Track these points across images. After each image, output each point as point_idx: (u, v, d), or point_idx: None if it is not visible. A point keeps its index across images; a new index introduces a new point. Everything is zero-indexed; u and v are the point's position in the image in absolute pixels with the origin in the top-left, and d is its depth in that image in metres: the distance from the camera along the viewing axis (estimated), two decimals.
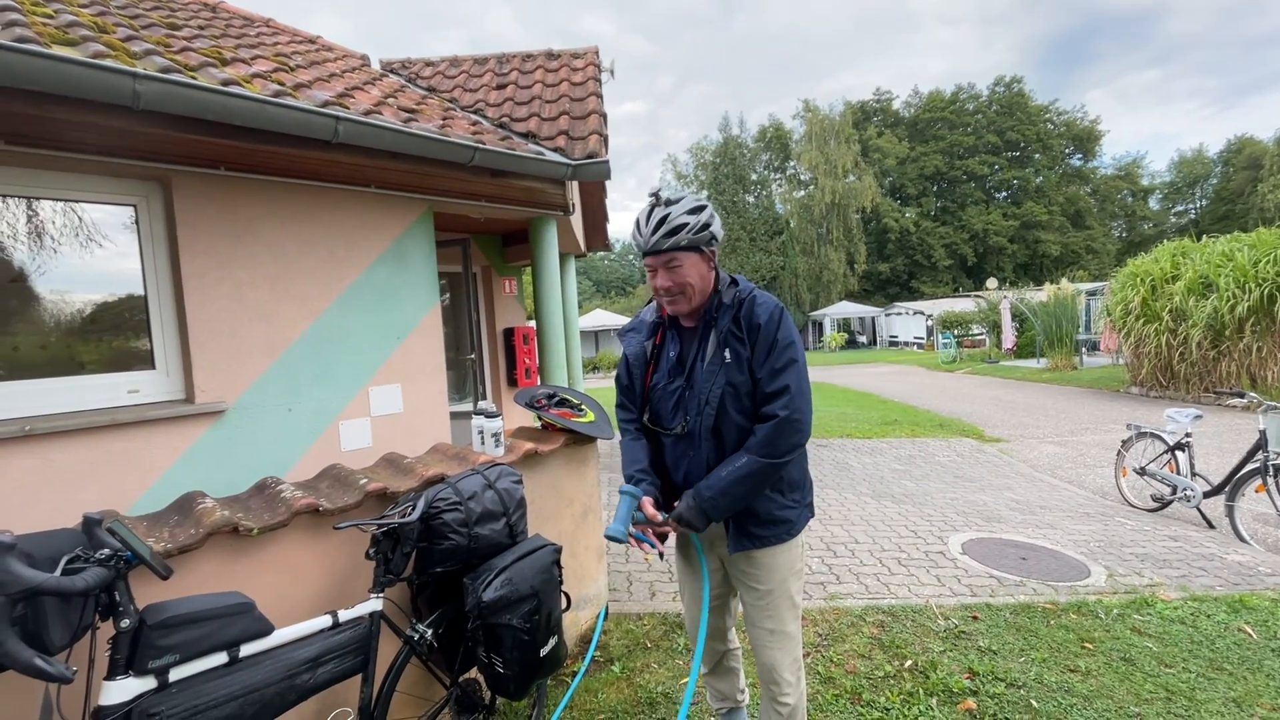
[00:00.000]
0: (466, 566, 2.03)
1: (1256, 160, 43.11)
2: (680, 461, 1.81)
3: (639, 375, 1.89)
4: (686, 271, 1.69)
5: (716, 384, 1.70)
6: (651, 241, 1.66)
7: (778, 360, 1.66)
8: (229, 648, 1.49)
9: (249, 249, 2.93)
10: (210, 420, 2.80)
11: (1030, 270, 43.08)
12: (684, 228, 1.65)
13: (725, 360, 1.69)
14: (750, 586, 1.83)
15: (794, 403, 1.64)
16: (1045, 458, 7.46)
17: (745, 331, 1.69)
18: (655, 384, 1.85)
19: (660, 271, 1.70)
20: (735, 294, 1.75)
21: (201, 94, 2.38)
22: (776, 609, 1.81)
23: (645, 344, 1.88)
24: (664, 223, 1.65)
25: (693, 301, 1.72)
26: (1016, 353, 20.31)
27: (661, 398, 1.83)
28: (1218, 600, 3.36)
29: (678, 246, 1.66)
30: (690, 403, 1.75)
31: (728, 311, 1.72)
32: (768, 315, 1.69)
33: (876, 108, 50.15)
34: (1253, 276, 9.52)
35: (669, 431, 1.80)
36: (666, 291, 1.71)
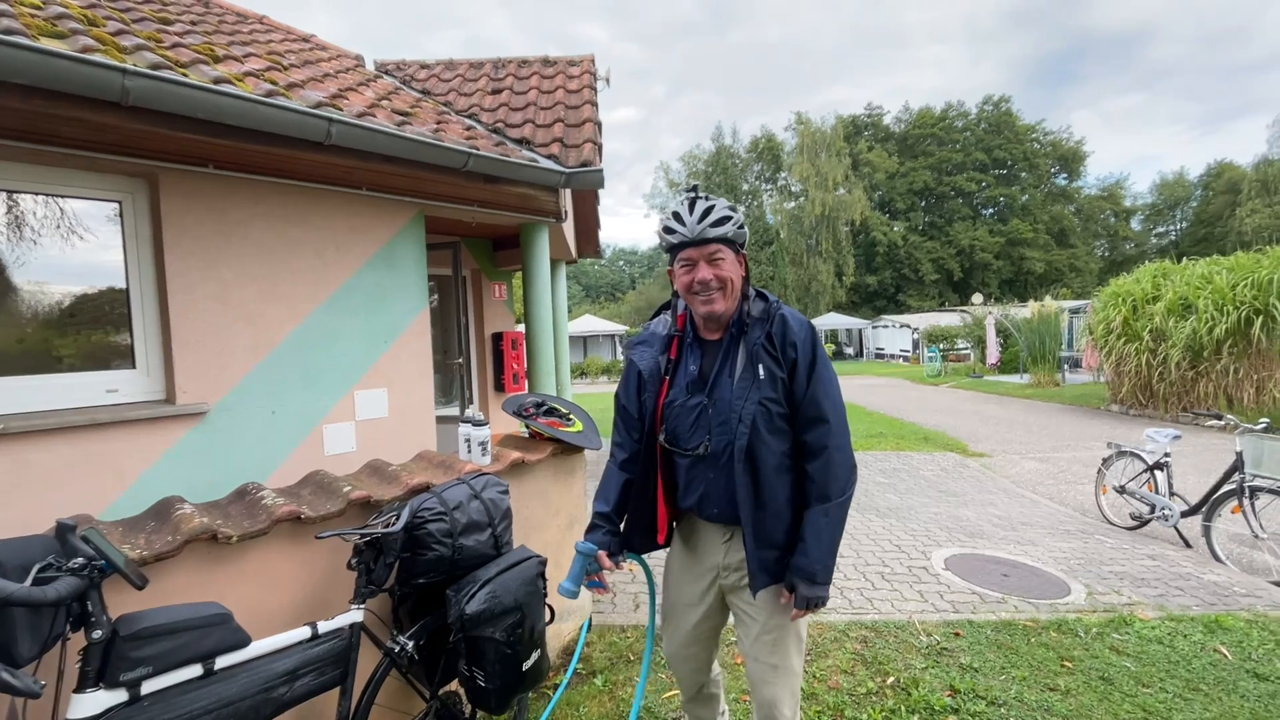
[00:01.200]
0: (450, 577, 2.01)
1: (1235, 185, 44.07)
2: (696, 484, 1.70)
3: (652, 391, 1.74)
4: (728, 266, 1.62)
5: (750, 401, 1.59)
6: (698, 230, 1.58)
7: (819, 385, 1.61)
8: (204, 660, 1.45)
9: (236, 249, 2.89)
10: (191, 422, 2.75)
11: (1015, 286, 43.67)
12: (729, 219, 1.60)
13: (759, 376, 1.60)
14: (758, 621, 1.72)
15: (839, 432, 1.61)
16: (1027, 473, 7.54)
17: (780, 349, 1.61)
18: (672, 400, 1.72)
19: (702, 264, 1.61)
20: (766, 308, 1.68)
21: (192, 92, 2.35)
22: (783, 645, 1.71)
23: (660, 358, 1.76)
24: (710, 212, 1.59)
25: (728, 302, 1.64)
26: (1000, 368, 20.55)
27: (679, 415, 1.70)
28: (1194, 620, 3.40)
29: (724, 238, 1.60)
30: (713, 421, 1.64)
31: (758, 325, 1.64)
32: (805, 334, 1.63)
33: (868, 122, 50.73)
34: (1231, 299, 9.71)
35: (688, 452, 1.68)
36: (705, 286, 1.62)
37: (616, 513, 1.80)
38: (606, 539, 1.76)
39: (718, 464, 1.64)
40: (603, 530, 1.77)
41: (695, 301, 1.66)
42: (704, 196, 1.62)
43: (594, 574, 1.72)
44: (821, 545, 1.58)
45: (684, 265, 1.64)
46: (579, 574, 1.66)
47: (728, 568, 1.75)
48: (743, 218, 1.64)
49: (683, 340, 1.76)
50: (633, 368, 1.80)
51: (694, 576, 1.82)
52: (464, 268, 5.85)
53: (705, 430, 1.65)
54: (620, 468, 1.83)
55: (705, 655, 1.90)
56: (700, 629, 1.84)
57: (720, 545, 1.75)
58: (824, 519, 1.59)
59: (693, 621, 1.84)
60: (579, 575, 1.67)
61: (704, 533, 1.79)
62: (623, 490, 1.80)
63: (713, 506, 1.69)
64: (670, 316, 1.80)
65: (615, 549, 1.77)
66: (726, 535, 1.74)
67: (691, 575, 1.83)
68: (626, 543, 1.82)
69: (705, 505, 1.70)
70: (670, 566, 1.91)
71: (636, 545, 1.83)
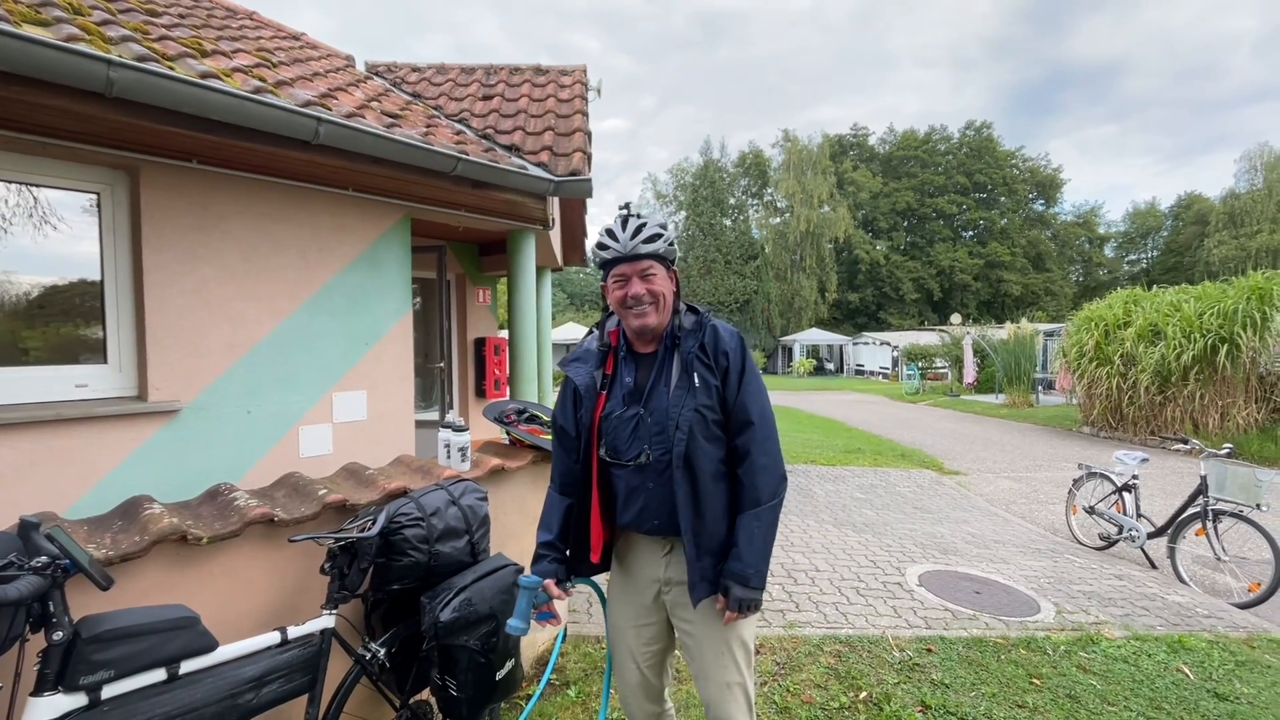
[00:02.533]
0: (425, 584, 1.99)
1: (1203, 216, 45.54)
2: (635, 496, 1.71)
3: (589, 407, 1.75)
4: (659, 281, 1.68)
5: (686, 408, 1.62)
6: (630, 246, 1.64)
7: (748, 392, 1.67)
8: (168, 664, 1.42)
9: (217, 245, 2.85)
10: (163, 419, 2.69)
11: (992, 308, 44.53)
12: (660, 236, 1.66)
13: (694, 384, 1.64)
14: (701, 639, 1.71)
15: (767, 436, 1.66)
16: (1001, 492, 7.66)
17: (713, 358, 1.67)
18: (609, 413, 1.73)
19: (634, 280, 1.66)
20: (697, 320, 1.74)
21: (179, 85, 2.32)
22: (730, 658, 1.70)
23: (595, 373, 1.78)
24: (642, 229, 1.65)
25: (661, 316, 1.70)
26: (977, 387, 20.90)
27: (616, 427, 1.71)
28: (1158, 640, 3.47)
29: (655, 254, 1.66)
30: (651, 430, 1.67)
31: (691, 336, 1.69)
32: (735, 344, 1.69)
33: (853, 142, 51.61)
34: (1198, 327, 10.00)
35: (627, 463, 1.70)
36: (638, 300, 1.66)
37: (561, 539, 1.79)
38: (553, 568, 1.74)
39: (657, 473, 1.66)
40: (548, 559, 1.75)
41: (628, 315, 1.70)
42: (636, 215, 1.69)
43: (543, 605, 1.69)
44: (754, 549, 1.61)
45: (617, 281, 1.69)
46: (526, 610, 1.64)
47: (669, 582, 1.75)
48: (674, 235, 1.70)
49: (617, 354, 1.79)
50: (569, 385, 1.80)
51: (635, 594, 1.81)
52: (449, 272, 5.81)
53: (644, 440, 1.67)
54: (561, 493, 1.83)
55: (656, 682, 1.85)
56: (648, 651, 1.81)
57: (660, 559, 1.76)
58: (755, 523, 1.62)
59: (640, 642, 1.81)
60: (526, 611, 1.64)
61: (642, 549, 1.79)
62: (565, 516, 1.79)
63: (653, 518, 1.69)
64: (600, 333, 1.84)
65: (563, 576, 1.76)
66: (666, 548, 1.75)
67: (632, 593, 1.82)
68: (570, 568, 1.80)
69: (645, 518, 1.70)
70: (611, 589, 1.89)
71: (574, 567, 1.81)
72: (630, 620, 1.81)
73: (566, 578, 1.77)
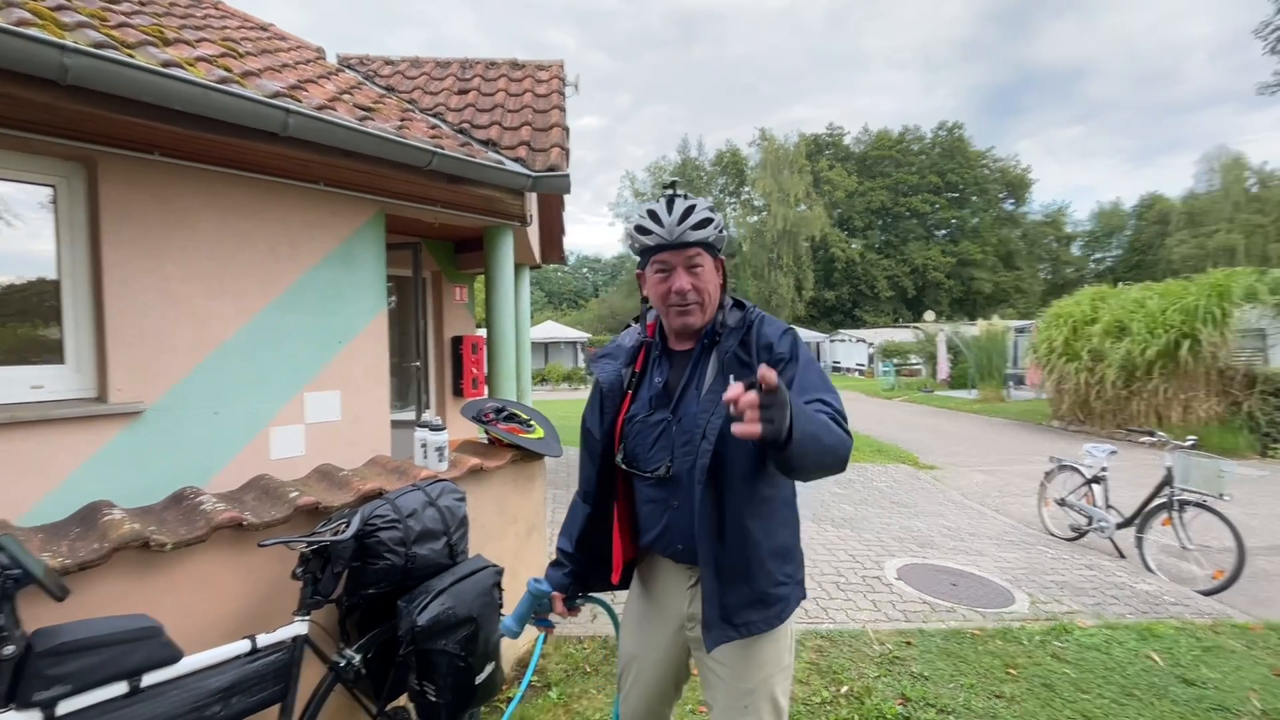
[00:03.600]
0: (401, 588, 1.94)
1: (1165, 216, 46.91)
2: (657, 514, 1.50)
3: (612, 407, 1.57)
4: (707, 274, 1.45)
5: (718, 415, 1.37)
6: (677, 232, 1.40)
7: (804, 377, 1.37)
8: (130, 677, 1.36)
9: (181, 241, 2.75)
10: (125, 422, 2.59)
11: (965, 305, 45.37)
12: (710, 222, 1.42)
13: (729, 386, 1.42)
14: (726, 684, 1.46)
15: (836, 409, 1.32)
16: (975, 486, 7.79)
17: (754, 354, 1.42)
18: (632, 416, 1.53)
19: (679, 271, 1.43)
20: (742, 316, 1.48)
21: (138, 74, 2.23)
22: (757, 714, 1.45)
23: (623, 371, 1.58)
24: (691, 212, 1.41)
25: (706, 314, 1.47)
26: (950, 383, 21.27)
27: (639, 433, 1.51)
28: (1129, 628, 3.56)
29: (704, 242, 1.43)
30: (677, 439, 1.45)
31: (733, 334, 1.45)
32: (780, 336, 1.43)
33: (829, 141, 52.14)
34: (1161, 323, 10.29)
35: (648, 475, 1.48)
36: (682, 296, 1.43)
37: (580, 551, 1.63)
38: (565, 581, 1.62)
39: (680, 489, 1.44)
40: (564, 570, 1.63)
41: (670, 313, 1.48)
42: (684, 195, 1.45)
43: (544, 613, 1.59)
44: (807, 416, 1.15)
45: (659, 271, 1.46)
46: (525, 614, 1.54)
47: (693, 619, 1.50)
48: (724, 221, 1.51)
49: (649, 350, 1.58)
50: (597, 385, 1.63)
51: (656, 627, 1.59)
52: (425, 269, 5.71)
53: (667, 450, 1.46)
54: (584, 501, 1.65)
55: (664, 711, 1.69)
56: (662, 686, 1.61)
57: (685, 591, 1.52)
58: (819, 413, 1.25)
59: (654, 678, 1.60)
60: (525, 615, 1.54)
61: (667, 576, 1.57)
62: (585, 525, 1.63)
63: (676, 541, 1.47)
64: (640, 326, 1.64)
65: (572, 592, 1.64)
66: (693, 579, 1.51)
67: (652, 625, 1.60)
68: (585, 581, 1.67)
69: (668, 540, 1.49)
70: (628, 613, 1.69)
71: (591, 582, 1.67)
72: (645, 650, 1.60)
73: (577, 594, 1.64)
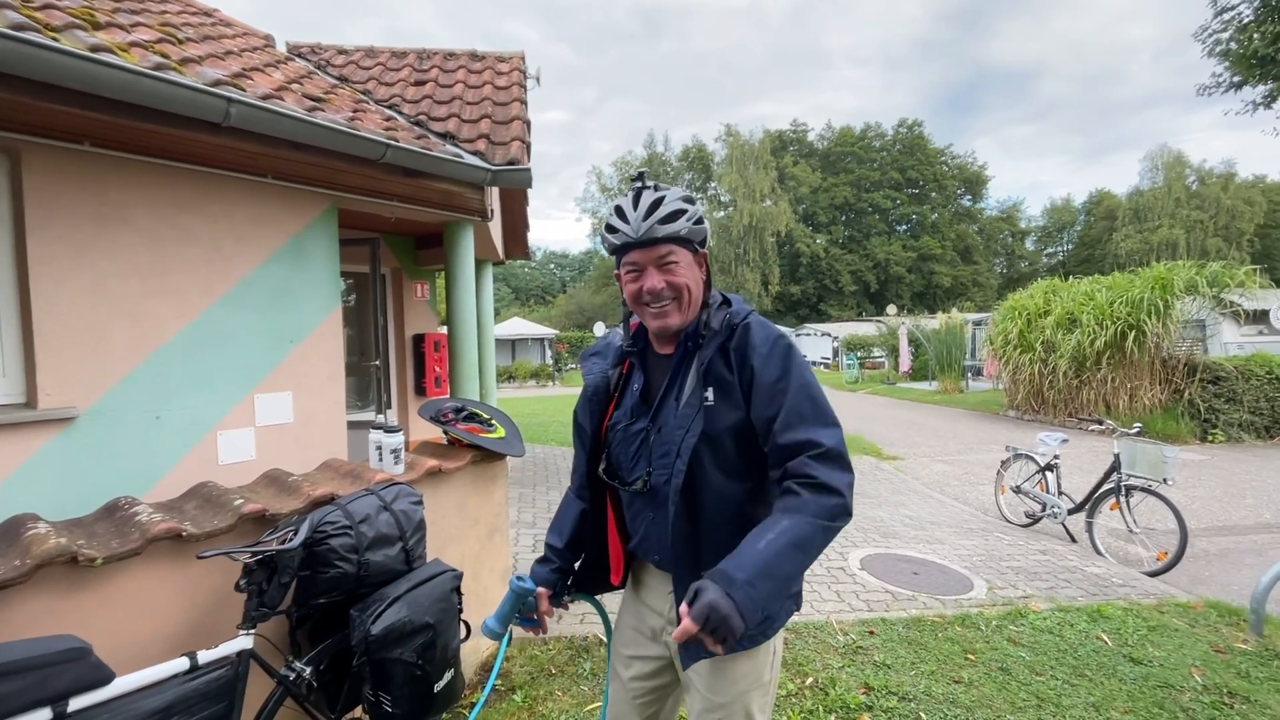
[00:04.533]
0: (355, 596, 1.87)
1: (1112, 212, 48.97)
2: (639, 522, 1.44)
3: (597, 411, 1.50)
4: (683, 270, 1.33)
5: (692, 432, 1.30)
6: (643, 229, 1.29)
7: (793, 401, 1.25)
8: (54, 702, 1.27)
9: (115, 236, 2.61)
10: (56, 429, 2.45)
11: (925, 299, 46.55)
12: (682, 214, 1.30)
13: (706, 401, 1.31)
14: (701, 695, 1.40)
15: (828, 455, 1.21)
16: (935, 475, 7.99)
17: (736, 368, 1.31)
18: (615, 423, 1.46)
19: (650, 270, 1.32)
20: (726, 316, 1.37)
21: (63, 58, 2.10)
22: None
23: (610, 372, 1.50)
24: (659, 205, 1.30)
25: (685, 314, 1.36)
26: (912, 375, 21.79)
27: (621, 442, 1.44)
28: (1079, 610, 3.68)
29: (675, 237, 1.30)
30: (655, 451, 1.37)
31: (715, 338, 1.34)
32: (769, 346, 1.30)
33: (793, 137, 52.78)
34: (1109, 315, 10.71)
35: (626, 486, 1.42)
36: (656, 296, 1.33)
37: (570, 548, 1.54)
38: (553, 577, 1.50)
39: (657, 502, 1.37)
40: (551, 566, 1.52)
41: (645, 313, 1.38)
42: (652, 186, 1.34)
43: (530, 612, 1.46)
44: (761, 555, 1.12)
45: (630, 271, 1.35)
46: (508, 614, 1.42)
47: (673, 623, 1.42)
48: (701, 211, 1.36)
49: (631, 353, 1.50)
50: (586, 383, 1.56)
51: (639, 622, 1.55)
52: (383, 265, 5.57)
53: (646, 461, 1.38)
54: (577, 495, 1.58)
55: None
56: (642, 687, 1.54)
57: (666, 595, 1.46)
58: (782, 524, 1.16)
59: (632, 675, 1.55)
60: (508, 615, 1.42)
61: (652, 579, 1.52)
62: (578, 521, 1.55)
63: (654, 552, 1.42)
64: (625, 325, 1.54)
65: (561, 589, 1.52)
66: (671, 586, 1.44)
67: (638, 624, 1.55)
68: (580, 581, 1.57)
69: (648, 549, 1.44)
70: (621, 609, 1.63)
71: (588, 583, 1.57)
72: (628, 647, 1.56)
73: (565, 591, 1.53)
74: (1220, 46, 13.33)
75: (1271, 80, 12.95)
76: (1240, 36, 12.81)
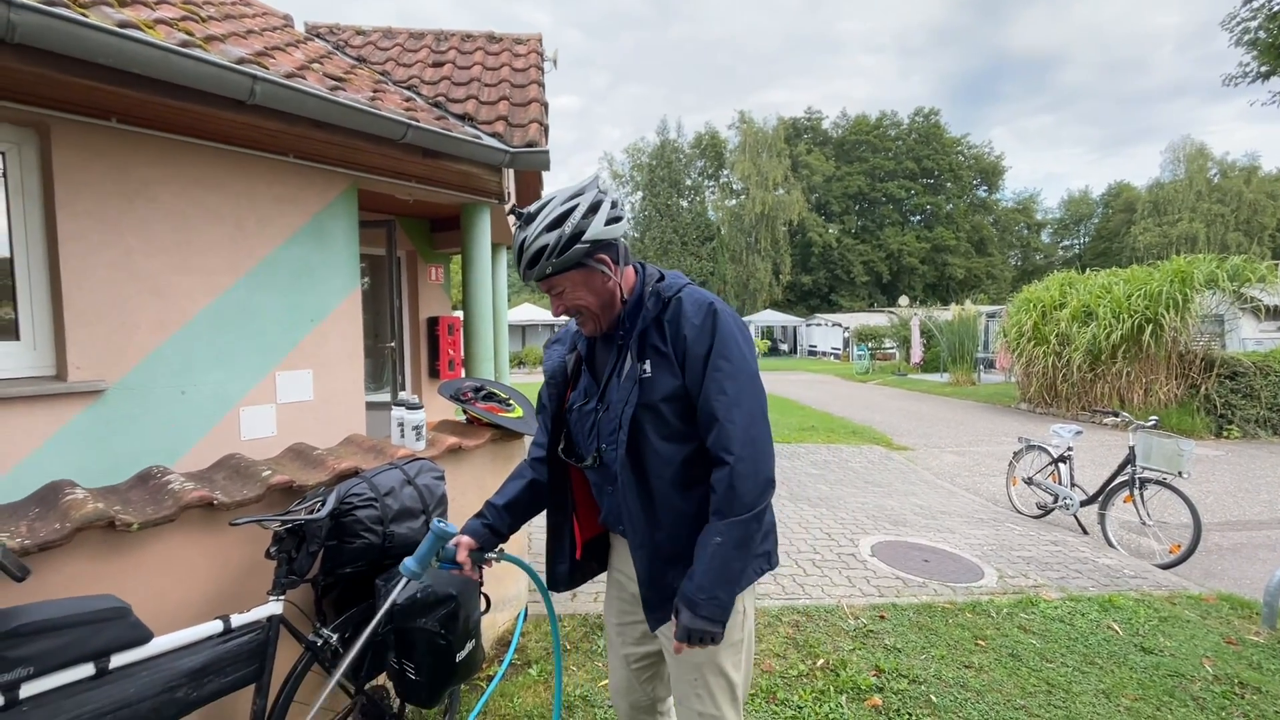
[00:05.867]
0: (379, 566, 1.91)
1: (1131, 205, 48.19)
2: (602, 497, 1.56)
3: (556, 395, 1.61)
4: (573, 294, 1.41)
5: (629, 404, 1.39)
6: (529, 276, 1.39)
7: (715, 378, 1.34)
8: (96, 658, 1.32)
9: (142, 213, 2.64)
10: (85, 401, 2.50)
11: (938, 290, 46.11)
12: (543, 252, 1.34)
13: (643, 374, 1.39)
14: (674, 659, 1.49)
15: (742, 438, 1.32)
16: (946, 466, 7.97)
17: (670, 340, 1.38)
18: (572, 405, 1.57)
19: (551, 298, 1.44)
20: (658, 291, 1.43)
21: (92, 33, 2.11)
22: (705, 688, 1.46)
23: (568, 357, 1.60)
24: (525, 249, 1.37)
25: (601, 321, 1.45)
26: (923, 367, 21.65)
27: (576, 421, 1.55)
28: (1091, 600, 3.69)
29: (553, 272, 1.37)
30: (604, 427, 1.46)
31: (647, 314, 1.42)
32: (701, 318, 1.36)
33: (807, 125, 52.14)
34: (1126, 308, 10.58)
35: (582, 463, 1.52)
36: (567, 314, 1.47)
37: (507, 509, 1.60)
38: (481, 530, 1.56)
39: (612, 476, 1.46)
40: (482, 520, 1.58)
41: None
42: (526, 221, 1.39)
43: (448, 558, 1.50)
44: (710, 571, 1.30)
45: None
46: (425, 555, 1.45)
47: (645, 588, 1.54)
48: (583, 218, 1.34)
49: (581, 338, 1.59)
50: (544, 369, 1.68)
51: (620, 590, 1.64)
52: (399, 248, 5.59)
53: (598, 438, 1.48)
54: (530, 465, 1.65)
55: (645, 691, 1.66)
56: (636, 653, 1.63)
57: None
58: (716, 539, 1.32)
59: (625, 642, 1.64)
60: (425, 557, 1.45)
61: (624, 548, 1.59)
62: (527, 489, 1.62)
63: (619, 522, 1.51)
64: None
65: (487, 544, 1.56)
66: None
67: (620, 593, 1.65)
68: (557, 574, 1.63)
69: (613, 521, 1.54)
70: (609, 581, 1.72)
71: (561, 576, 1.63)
72: (616, 617, 1.66)
73: (491, 548, 1.57)
74: (1249, 35, 13.03)
75: None
76: (1270, 25, 12.51)
